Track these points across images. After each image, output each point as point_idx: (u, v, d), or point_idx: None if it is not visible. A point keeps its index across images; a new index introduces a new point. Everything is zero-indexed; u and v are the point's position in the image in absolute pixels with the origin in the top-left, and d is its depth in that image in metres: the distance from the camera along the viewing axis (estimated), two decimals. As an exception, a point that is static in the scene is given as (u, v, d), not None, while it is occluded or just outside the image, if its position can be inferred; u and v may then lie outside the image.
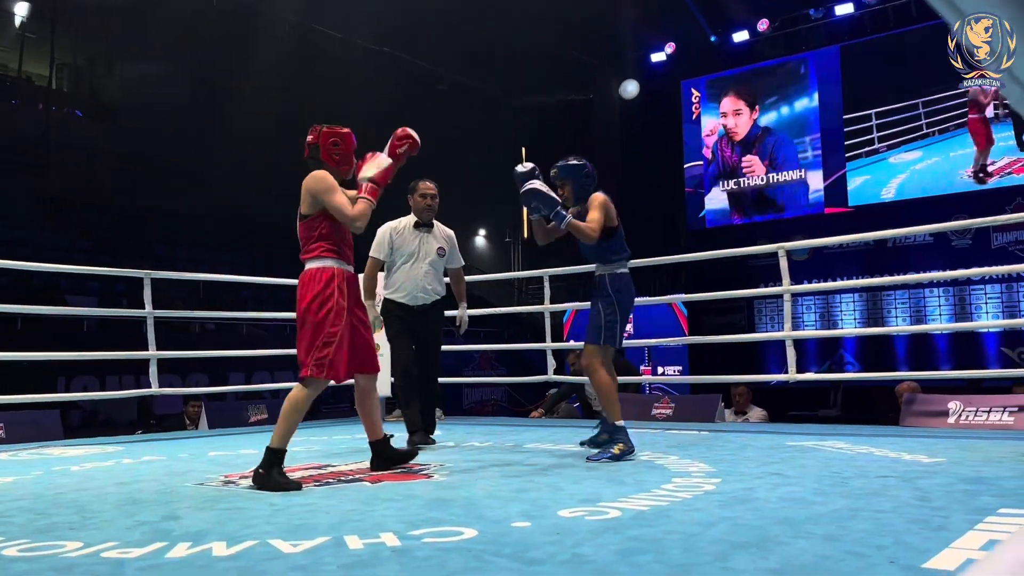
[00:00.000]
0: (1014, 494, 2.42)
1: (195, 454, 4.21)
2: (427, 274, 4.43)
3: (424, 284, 4.42)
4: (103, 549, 2.01)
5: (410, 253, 4.42)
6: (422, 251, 4.43)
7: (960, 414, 4.51)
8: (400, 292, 4.42)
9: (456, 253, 4.62)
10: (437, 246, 4.48)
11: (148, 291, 5.40)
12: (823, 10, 11.72)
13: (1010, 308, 10.17)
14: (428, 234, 4.47)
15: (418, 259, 4.42)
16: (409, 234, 4.45)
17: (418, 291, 4.41)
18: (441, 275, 4.54)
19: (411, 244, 4.43)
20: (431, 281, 4.45)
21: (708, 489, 2.68)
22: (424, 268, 4.42)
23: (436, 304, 4.49)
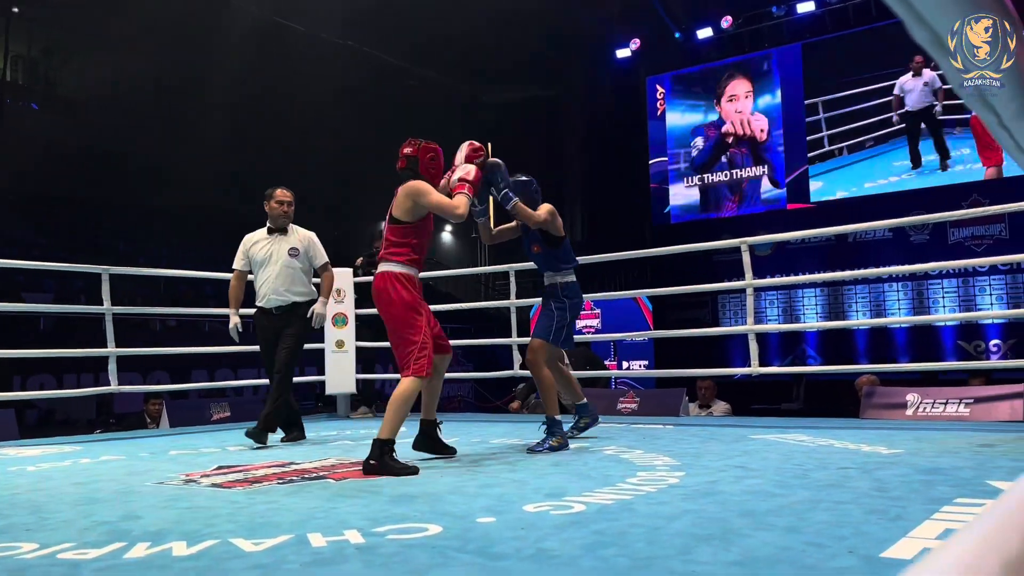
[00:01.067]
0: (969, 484, 2.47)
1: (155, 453, 4.15)
2: (279, 276, 4.52)
3: (277, 286, 4.52)
4: (59, 550, 1.96)
5: (263, 259, 4.56)
6: (274, 255, 4.56)
7: (918, 406, 4.60)
8: (259, 297, 4.57)
9: (315, 252, 4.70)
10: (288, 247, 4.58)
11: (106, 287, 5.31)
12: (785, 8, 11.85)
13: (966, 302, 10.40)
14: (280, 238, 4.61)
15: (270, 263, 4.55)
16: (262, 240, 4.61)
17: (272, 293, 4.52)
18: (300, 277, 4.60)
19: (263, 250, 4.58)
20: (284, 283, 4.53)
21: (672, 482, 2.70)
22: (276, 270, 4.53)
23: (296, 305, 4.56)
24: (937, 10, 0.57)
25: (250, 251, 4.63)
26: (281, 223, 4.64)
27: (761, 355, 5.30)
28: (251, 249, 4.62)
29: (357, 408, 6.47)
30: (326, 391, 6.42)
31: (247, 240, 4.67)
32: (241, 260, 4.65)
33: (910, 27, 0.59)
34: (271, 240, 4.61)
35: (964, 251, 10.10)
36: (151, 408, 6.40)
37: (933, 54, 0.64)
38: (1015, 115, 0.78)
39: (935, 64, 7.55)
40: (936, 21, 0.57)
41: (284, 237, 4.62)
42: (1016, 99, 0.76)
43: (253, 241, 4.64)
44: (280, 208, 4.62)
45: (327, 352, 6.22)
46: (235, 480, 3.09)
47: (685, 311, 12.14)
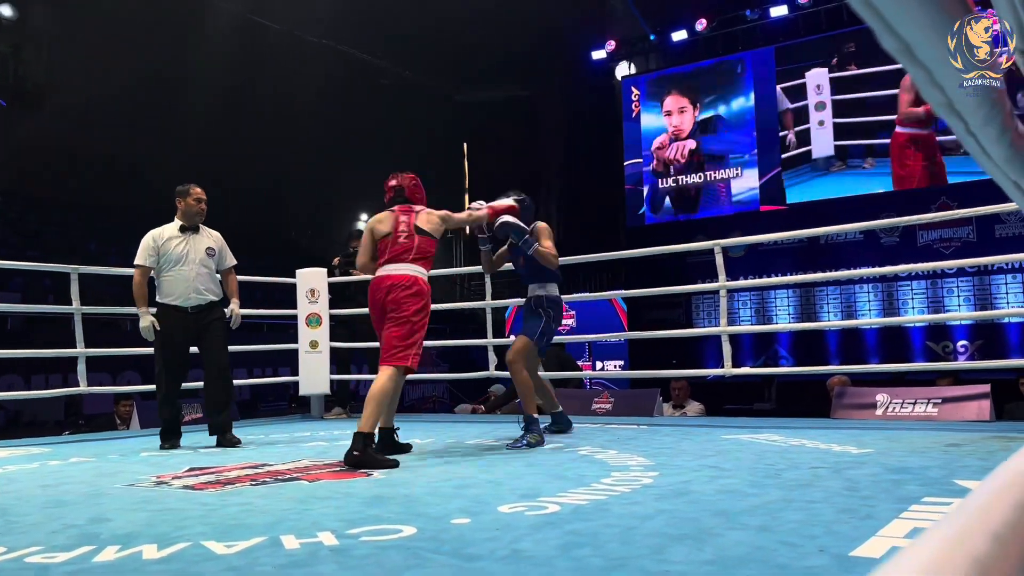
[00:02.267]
0: (938, 483, 2.50)
1: (126, 455, 4.10)
2: (199, 275, 4.47)
3: (197, 285, 4.45)
4: (27, 554, 1.93)
5: (178, 257, 4.45)
6: (190, 253, 4.47)
7: (887, 406, 4.66)
8: (172, 296, 4.43)
9: (227, 253, 4.68)
10: (206, 246, 4.54)
11: (75, 286, 5.23)
12: (759, 11, 11.96)
13: (934, 303, 10.55)
14: (194, 236, 4.53)
15: (186, 261, 4.45)
16: (174, 239, 4.48)
17: (191, 292, 4.43)
18: (214, 276, 4.59)
19: (178, 248, 4.46)
20: (204, 282, 4.49)
21: (646, 483, 2.71)
22: (195, 270, 4.46)
23: (213, 304, 4.53)
24: (906, 19, 0.58)
25: (162, 248, 4.44)
26: (197, 221, 4.55)
27: (734, 356, 5.35)
28: (164, 246, 4.44)
29: (331, 409, 6.44)
30: (300, 392, 6.38)
31: (157, 236, 4.47)
32: (151, 257, 4.43)
33: (879, 35, 0.60)
34: (184, 238, 4.49)
35: (933, 253, 10.25)
36: (121, 409, 6.32)
37: (902, 62, 0.65)
38: (982, 122, 0.79)
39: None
40: (905, 30, 0.58)
41: (197, 236, 4.54)
42: (983, 106, 0.77)
43: (165, 238, 4.47)
44: (199, 206, 4.54)
45: (301, 353, 6.18)
46: (207, 482, 3.06)
47: (659, 312, 12.21)
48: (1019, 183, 0.99)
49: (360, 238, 6.71)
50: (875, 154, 11.07)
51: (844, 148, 11.29)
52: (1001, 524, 0.46)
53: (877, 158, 11.03)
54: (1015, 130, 0.86)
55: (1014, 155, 0.89)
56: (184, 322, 4.41)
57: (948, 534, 0.43)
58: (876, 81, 10.96)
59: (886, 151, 10.95)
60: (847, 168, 11.26)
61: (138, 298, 4.43)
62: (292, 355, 6.33)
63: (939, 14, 0.61)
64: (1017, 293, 10.11)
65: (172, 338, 4.40)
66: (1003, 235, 9.92)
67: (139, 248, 4.46)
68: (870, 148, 11.13)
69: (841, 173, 11.29)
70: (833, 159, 11.31)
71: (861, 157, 11.17)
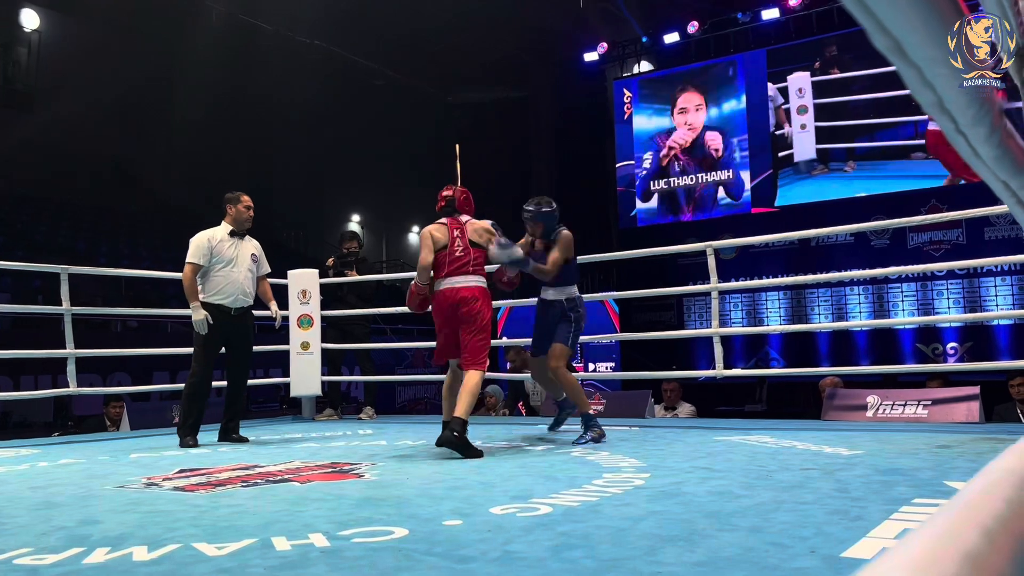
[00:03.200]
0: (928, 484, 2.52)
1: (116, 456, 4.08)
2: (246, 278, 4.70)
3: (244, 287, 4.68)
4: (16, 556, 1.92)
5: (229, 259, 4.65)
6: (240, 257, 4.70)
7: (878, 408, 4.68)
8: (221, 295, 4.60)
9: (264, 260, 4.93)
10: (251, 252, 4.78)
11: (65, 287, 5.21)
12: (750, 14, 11.99)
13: (924, 306, 10.60)
14: (241, 241, 4.75)
15: (237, 264, 4.67)
16: (226, 241, 4.68)
17: (239, 293, 4.65)
18: (255, 281, 4.80)
19: (229, 250, 4.67)
20: (249, 285, 4.73)
21: (638, 484, 2.71)
22: (243, 272, 4.69)
23: (249, 310, 4.76)
24: (898, 17, 0.58)
25: (215, 248, 4.61)
26: (246, 227, 4.77)
27: (725, 357, 5.36)
28: (217, 247, 4.62)
29: (322, 410, 6.42)
30: (291, 393, 6.35)
31: (211, 237, 4.64)
32: (206, 256, 4.59)
33: (871, 34, 0.61)
34: (234, 242, 4.70)
35: (923, 256, 10.30)
36: (111, 411, 6.28)
37: (894, 61, 0.66)
38: (971, 122, 0.80)
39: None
40: (896, 28, 0.59)
41: (244, 241, 4.75)
42: (973, 106, 0.78)
43: (219, 239, 4.65)
44: (248, 212, 4.75)
45: (292, 354, 6.16)
46: (198, 483, 3.05)
47: (651, 314, 12.22)
48: (1008, 182, 0.99)
49: (353, 240, 6.73)
50: (856, 157, 11.17)
51: (826, 151, 11.38)
52: (992, 519, 0.46)
53: (858, 161, 11.13)
54: (1004, 129, 0.87)
55: (1003, 154, 0.90)
56: (225, 321, 4.59)
57: (939, 529, 0.43)
58: (858, 85, 11.07)
59: (867, 154, 11.05)
60: (829, 171, 11.35)
61: (191, 293, 4.55)
62: (283, 356, 6.31)
63: (930, 13, 0.61)
64: (1006, 295, 10.17)
65: (214, 335, 4.56)
66: (993, 238, 9.97)
67: (193, 246, 4.60)
68: (851, 151, 11.24)
69: (823, 176, 11.39)
70: (815, 162, 11.40)
71: (843, 160, 11.28)
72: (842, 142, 11.27)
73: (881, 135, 11.02)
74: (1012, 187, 1.00)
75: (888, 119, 10.85)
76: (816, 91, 11.45)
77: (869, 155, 11.07)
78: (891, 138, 10.91)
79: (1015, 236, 8.95)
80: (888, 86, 10.49)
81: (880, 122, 10.97)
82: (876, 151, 11.03)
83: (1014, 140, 0.91)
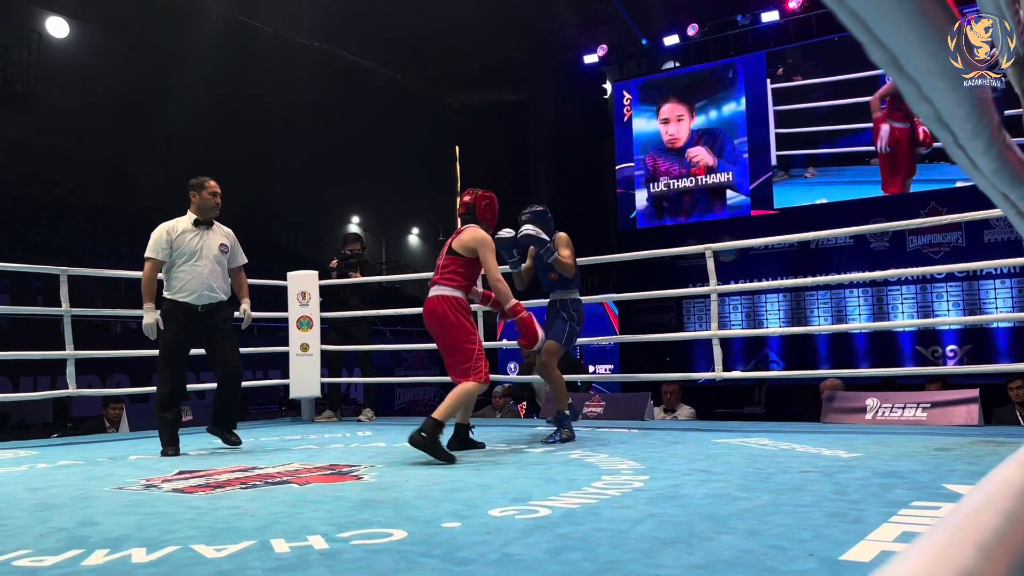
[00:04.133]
0: (926, 487, 2.52)
1: (115, 458, 4.08)
2: (212, 272, 4.28)
3: (210, 282, 4.27)
4: (15, 557, 1.92)
5: (191, 251, 4.26)
6: (204, 249, 4.29)
7: (877, 411, 4.68)
8: (184, 292, 4.23)
9: (239, 251, 4.51)
10: (219, 243, 4.36)
11: (64, 288, 5.20)
12: (750, 16, 11.99)
13: (924, 308, 10.60)
14: (208, 231, 4.35)
15: (201, 256, 4.26)
16: (188, 232, 4.29)
17: (204, 289, 4.24)
18: (226, 274, 4.40)
19: (192, 242, 4.27)
20: (217, 279, 4.31)
21: (637, 486, 2.71)
22: (209, 266, 4.28)
23: (222, 304, 4.35)
24: (894, 31, 0.58)
25: (175, 242, 4.24)
26: (212, 216, 4.38)
27: (725, 359, 5.36)
28: (177, 240, 4.25)
29: (322, 412, 6.42)
30: (290, 395, 6.35)
31: (171, 229, 4.27)
32: (164, 251, 4.22)
33: (868, 48, 0.61)
34: (198, 233, 4.31)
35: (922, 258, 10.30)
36: (111, 412, 6.28)
37: (891, 75, 0.66)
38: (970, 135, 0.80)
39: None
40: (893, 43, 0.59)
41: (210, 231, 4.36)
42: (971, 119, 0.78)
43: (179, 231, 4.27)
44: (214, 200, 4.37)
45: (292, 355, 6.16)
46: (197, 485, 3.05)
47: (650, 316, 12.22)
48: (1007, 194, 1.00)
49: (356, 241, 6.73)
50: (816, 164, 11.26)
51: (787, 158, 11.47)
52: (989, 534, 0.46)
53: (819, 168, 11.22)
54: (1003, 142, 0.87)
55: (1002, 167, 0.90)
56: (193, 321, 4.21)
57: (935, 545, 0.43)
58: (819, 92, 11.15)
59: (828, 160, 11.17)
60: (789, 178, 11.46)
61: (146, 293, 4.19)
62: (283, 358, 6.30)
63: (928, 27, 0.62)
64: (1006, 298, 10.17)
65: (179, 337, 4.21)
66: (992, 240, 9.98)
67: (151, 240, 4.25)
68: (811, 158, 11.32)
69: (784, 183, 11.50)
70: (775, 169, 11.51)
71: (803, 167, 11.37)
72: (803, 149, 11.39)
73: (841, 142, 11.13)
74: (1012, 199, 1.00)
75: (847, 125, 11.00)
76: (776, 99, 11.57)
77: (829, 161, 11.19)
78: (850, 144, 11.02)
79: (1015, 239, 8.96)
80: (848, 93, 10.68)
81: (840, 128, 11.09)
82: (836, 157, 11.16)
83: (1013, 152, 0.91)
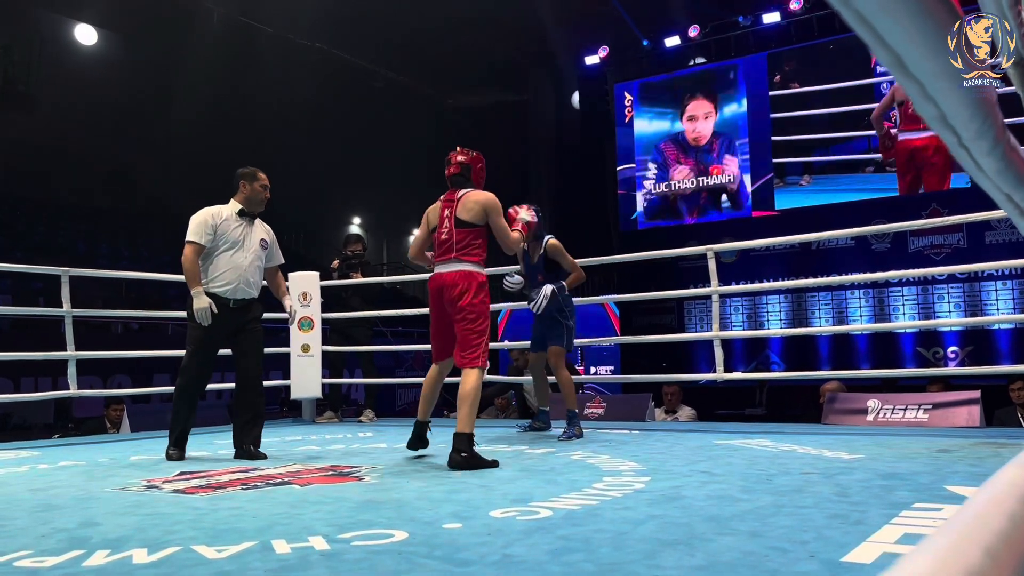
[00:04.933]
0: (928, 489, 2.51)
1: (116, 458, 4.08)
2: (252, 265, 4.05)
3: (248, 276, 4.02)
4: (16, 558, 1.92)
5: (234, 241, 4.01)
6: (247, 240, 4.06)
7: (878, 412, 4.67)
8: (220, 282, 3.96)
9: (278, 250, 4.30)
10: (261, 237, 4.14)
11: (66, 289, 5.21)
12: (751, 18, 11.99)
13: (925, 309, 10.59)
14: (251, 224, 4.12)
15: (242, 248, 4.03)
16: (233, 221, 4.04)
17: (241, 282, 4.00)
18: (262, 271, 4.17)
19: (236, 231, 4.03)
20: (254, 274, 4.07)
21: (638, 488, 2.71)
22: (250, 258, 4.04)
23: (254, 303, 4.11)
24: (899, 32, 0.58)
25: (220, 227, 3.97)
26: (259, 209, 4.14)
27: (726, 361, 5.36)
28: (221, 226, 3.97)
29: (323, 413, 6.42)
30: (291, 396, 6.35)
31: (215, 214, 3.99)
32: (208, 235, 3.94)
33: (872, 48, 0.61)
34: (242, 223, 4.06)
35: (924, 259, 10.29)
36: (112, 413, 6.28)
37: (895, 75, 0.66)
38: (975, 135, 0.80)
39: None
40: (897, 43, 0.59)
41: (253, 224, 4.11)
42: (976, 120, 0.78)
43: (223, 218, 4.00)
44: (264, 193, 4.15)
45: (293, 356, 6.16)
46: (198, 486, 3.05)
47: (651, 317, 12.22)
48: (1011, 195, 0.99)
49: (358, 242, 6.72)
50: (812, 171, 11.28)
51: (782, 165, 11.48)
52: (995, 536, 0.46)
53: (815, 175, 11.24)
54: (1007, 143, 0.87)
55: (1006, 168, 0.90)
56: (224, 315, 3.94)
57: (942, 546, 0.43)
58: (816, 99, 11.17)
59: (823, 168, 11.18)
60: (785, 185, 11.47)
61: (192, 276, 3.89)
62: (284, 359, 6.30)
63: (932, 28, 0.62)
64: (1007, 299, 10.16)
65: (212, 330, 3.92)
66: (993, 242, 9.97)
67: (194, 223, 3.96)
68: (808, 166, 11.34)
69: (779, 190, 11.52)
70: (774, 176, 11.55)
71: (799, 174, 11.40)
72: (799, 156, 11.41)
73: (836, 149, 11.15)
74: (1015, 199, 1.00)
75: (841, 133, 11.01)
76: (773, 105, 11.59)
77: (825, 169, 11.20)
78: (844, 152, 11.04)
79: (1016, 240, 8.96)
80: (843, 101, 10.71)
81: (834, 136, 11.10)
82: (832, 165, 11.18)
83: (1016, 153, 0.91)
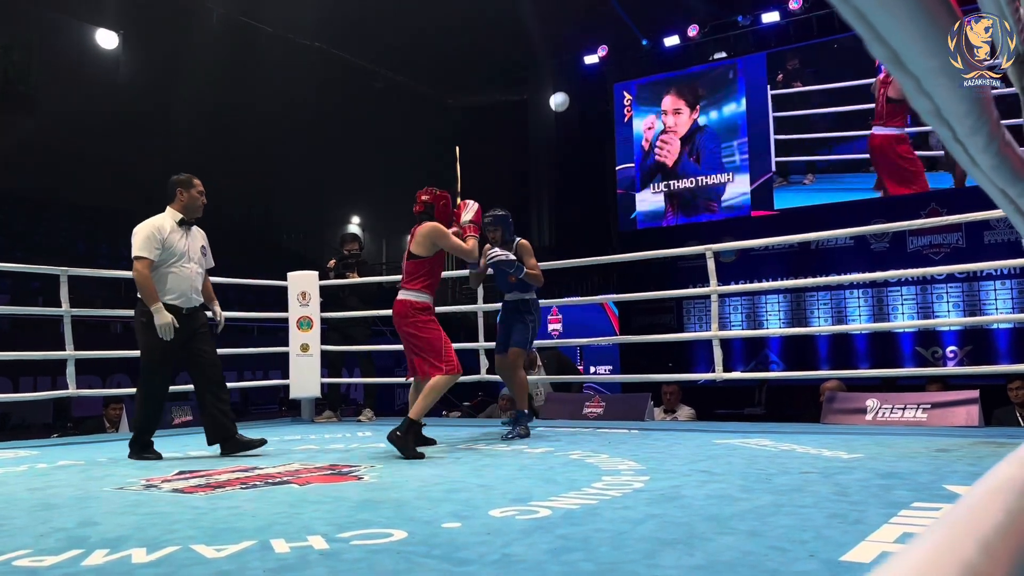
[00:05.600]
0: (927, 488, 2.52)
1: (115, 458, 4.08)
2: (197, 274, 4.13)
3: (195, 284, 4.11)
4: (15, 557, 1.92)
5: (180, 252, 4.05)
6: (190, 250, 4.11)
7: (877, 411, 4.68)
8: (173, 294, 4.01)
9: (211, 255, 4.33)
10: (200, 244, 4.20)
11: (64, 288, 5.20)
12: (751, 17, 11.99)
13: (924, 309, 10.60)
14: (189, 232, 4.15)
15: (187, 258, 4.08)
16: (176, 232, 4.07)
17: (191, 292, 4.08)
18: (203, 275, 4.24)
19: (179, 243, 4.06)
20: (199, 281, 4.15)
21: (637, 487, 2.71)
22: (195, 268, 4.11)
23: (202, 307, 4.21)
24: (896, 27, 0.58)
25: (166, 241, 4.00)
26: (198, 215, 4.18)
27: (725, 360, 5.36)
28: (168, 239, 4.01)
29: (322, 413, 6.42)
30: (290, 395, 6.35)
31: (160, 227, 4.01)
32: (156, 250, 3.97)
33: (869, 44, 0.61)
34: (182, 233, 4.09)
35: (922, 259, 10.30)
36: (111, 412, 6.28)
37: (892, 70, 0.66)
38: (970, 131, 0.80)
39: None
40: (894, 38, 0.59)
41: (191, 231, 4.15)
42: (971, 115, 0.78)
43: (167, 231, 4.03)
44: (202, 199, 4.18)
45: (292, 356, 6.16)
46: (197, 485, 3.05)
47: (651, 316, 12.22)
48: (1006, 191, 1.00)
49: (354, 242, 6.73)
50: (816, 170, 11.28)
51: (785, 164, 11.49)
52: (991, 530, 0.46)
53: (818, 174, 11.24)
54: (1002, 139, 0.87)
55: (1001, 163, 0.90)
56: (181, 323, 4.00)
57: (937, 540, 0.43)
58: (818, 98, 11.17)
59: (826, 167, 11.19)
60: (788, 184, 11.47)
61: (151, 294, 3.91)
62: (283, 358, 6.30)
63: (928, 23, 0.62)
64: (1006, 299, 10.17)
65: (169, 343, 3.97)
66: (992, 241, 9.98)
67: (140, 238, 3.98)
68: (811, 165, 11.34)
69: (782, 189, 11.52)
70: (774, 175, 11.53)
71: (802, 173, 11.40)
72: (801, 155, 11.41)
73: (839, 149, 11.15)
74: (1010, 195, 1.00)
75: (844, 132, 11.03)
76: (776, 105, 11.59)
77: (828, 168, 11.20)
78: (847, 152, 11.05)
79: (1015, 240, 8.96)
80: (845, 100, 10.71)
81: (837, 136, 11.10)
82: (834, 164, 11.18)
83: (1012, 149, 0.91)
